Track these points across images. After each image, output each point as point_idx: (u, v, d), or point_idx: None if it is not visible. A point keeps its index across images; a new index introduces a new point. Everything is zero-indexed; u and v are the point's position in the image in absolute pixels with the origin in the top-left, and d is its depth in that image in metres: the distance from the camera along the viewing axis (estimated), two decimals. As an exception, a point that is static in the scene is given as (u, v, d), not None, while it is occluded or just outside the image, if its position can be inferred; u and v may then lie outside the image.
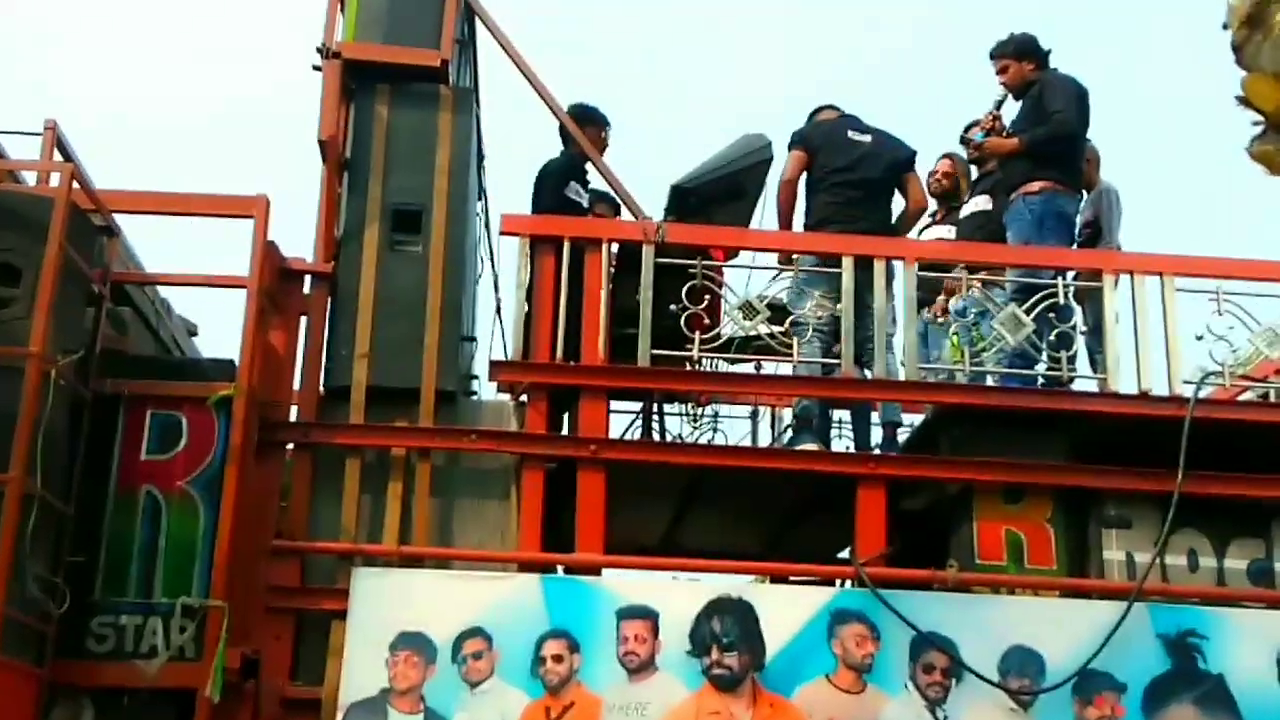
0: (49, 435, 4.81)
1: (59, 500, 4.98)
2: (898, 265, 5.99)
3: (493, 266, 7.03)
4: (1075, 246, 6.61)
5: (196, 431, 5.33)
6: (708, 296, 5.71)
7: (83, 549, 5.16)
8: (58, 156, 5.39)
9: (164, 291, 6.44)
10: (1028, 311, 5.76)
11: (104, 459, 5.29)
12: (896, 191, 6.64)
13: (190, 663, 5.03)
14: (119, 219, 5.69)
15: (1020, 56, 6.75)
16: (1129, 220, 6.92)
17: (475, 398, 6.29)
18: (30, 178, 5.53)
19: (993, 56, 6.85)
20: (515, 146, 7.55)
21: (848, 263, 5.84)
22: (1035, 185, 6.47)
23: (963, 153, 7.45)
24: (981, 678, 5.07)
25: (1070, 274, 6.13)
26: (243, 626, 5.14)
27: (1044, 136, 6.51)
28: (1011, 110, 6.86)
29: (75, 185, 5.16)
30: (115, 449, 5.31)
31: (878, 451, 6.29)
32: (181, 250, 6.28)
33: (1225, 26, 5.73)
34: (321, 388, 5.72)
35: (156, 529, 5.24)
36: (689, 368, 5.81)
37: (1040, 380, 6.02)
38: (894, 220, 6.64)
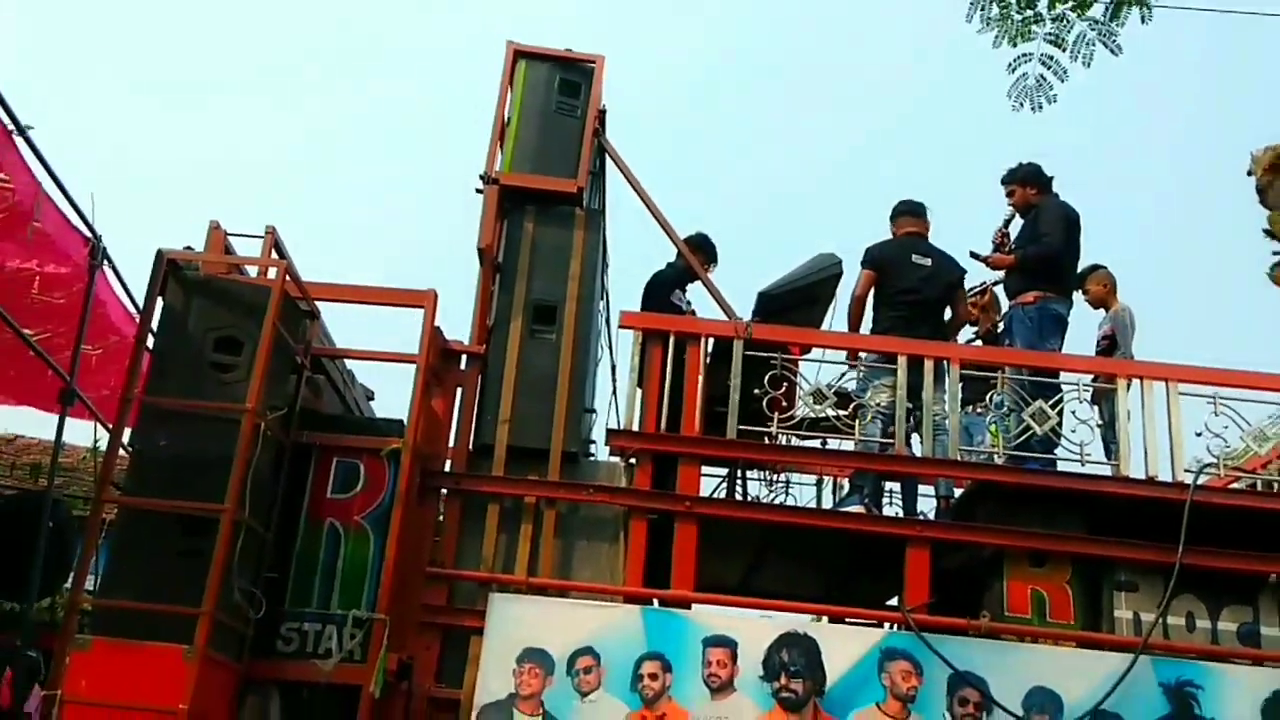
0: (257, 475, 4.94)
1: (261, 527, 5.09)
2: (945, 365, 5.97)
3: (610, 353, 7.11)
4: (1095, 355, 6.60)
5: (371, 477, 5.38)
6: (785, 384, 5.73)
7: (277, 567, 5.24)
8: (274, 254, 5.46)
9: (349, 363, 6.53)
10: (1053, 407, 5.76)
11: (298, 496, 5.37)
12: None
13: (358, 664, 5.05)
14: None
15: (1025, 183, 6.86)
16: (1145, 329, 6.94)
17: (593, 458, 6.31)
18: (252, 270, 5.61)
19: (1003, 183, 6.96)
20: (629, 257, 7.65)
21: (902, 360, 5.86)
22: (1030, 296, 6.55)
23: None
24: (1009, 712, 5.03)
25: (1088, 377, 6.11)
26: (400, 637, 5.18)
27: (1033, 255, 6.61)
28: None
29: (288, 278, 5.33)
30: (307, 488, 5.38)
31: (924, 518, 6.22)
32: (351, 328, 6.28)
33: (1250, 173, 5.75)
34: (471, 446, 5.78)
35: (336, 554, 5.28)
36: (768, 442, 5.81)
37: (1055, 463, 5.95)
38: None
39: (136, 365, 5.18)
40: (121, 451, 5.17)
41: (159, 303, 5.21)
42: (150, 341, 5.24)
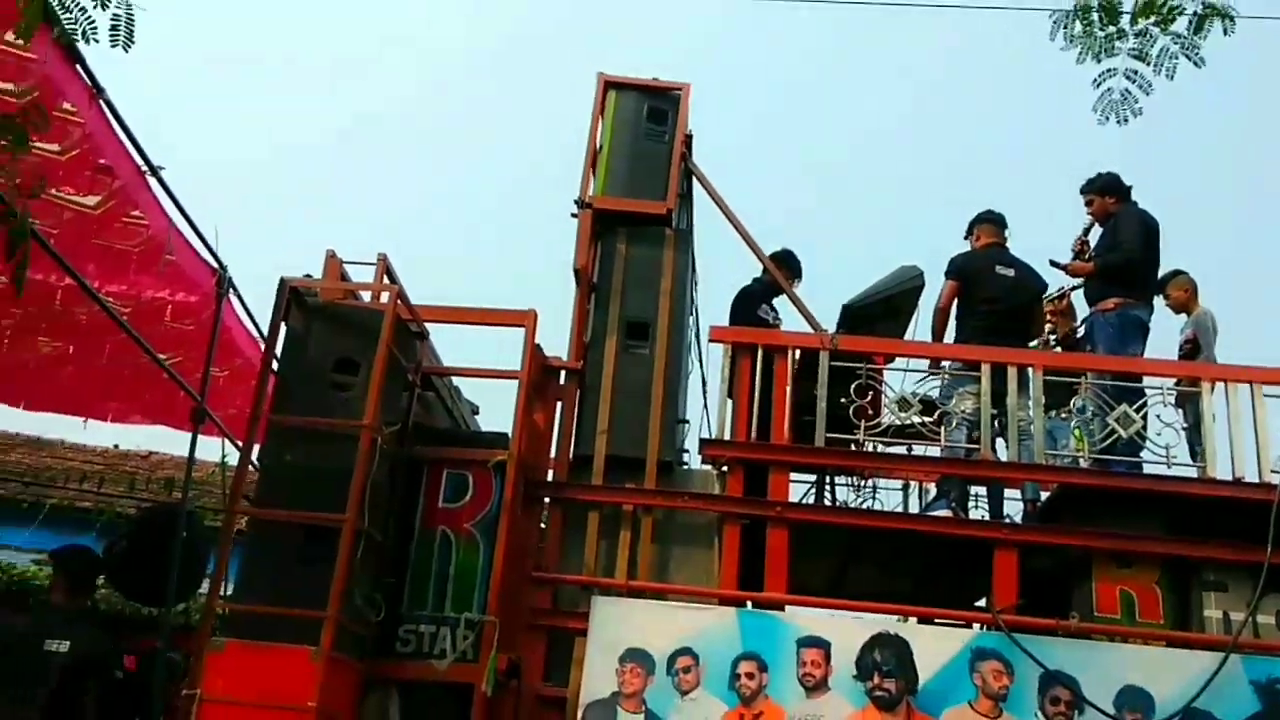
0: (374, 486, 5.06)
1: (379, 535, 5.18)
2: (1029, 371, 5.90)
3: (701, 366, 7.07)
4: (1178, 359, 6.53)
5: (479, 487, 5.47)
6: (870, 393, 5.76)
7: (394, 573, 5.34)
8: (386, 280, 5.56)
9: (455, 380, 6.62)
10: (1137, 410, 5.70)
11: (411, 506, 5.48)
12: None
13: (470, 664, 5.12)
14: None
15: (1103, 193, 6.79)
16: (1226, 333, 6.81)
17: (687, 467, 6.31)
18: (365, 294, 5.71)
19: (1082, 192, 6.87)
20: (717, 273, 7.66)
21: (986, 368, 5.85)
22: (1110, 303, 6.48)
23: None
24: (1101, 711, 4.97)
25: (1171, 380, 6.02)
26: (509, 638, 5.24)
27: (1112, 262, 6.51)
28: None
29: (399, 302, 5.47)
30: (420, 498, 5.48)
31: (1012, 521, 6.17)
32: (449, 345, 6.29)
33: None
34: (571, 456, 5.87)
35: (448, 560, 5.37)
36: (855, 448, 5.81)
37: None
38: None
39: (263, 386, 5.36)
40: (250, 466, 5.36)
41: (282, 328, 5.39)
42: (275, 364, 5.40)
